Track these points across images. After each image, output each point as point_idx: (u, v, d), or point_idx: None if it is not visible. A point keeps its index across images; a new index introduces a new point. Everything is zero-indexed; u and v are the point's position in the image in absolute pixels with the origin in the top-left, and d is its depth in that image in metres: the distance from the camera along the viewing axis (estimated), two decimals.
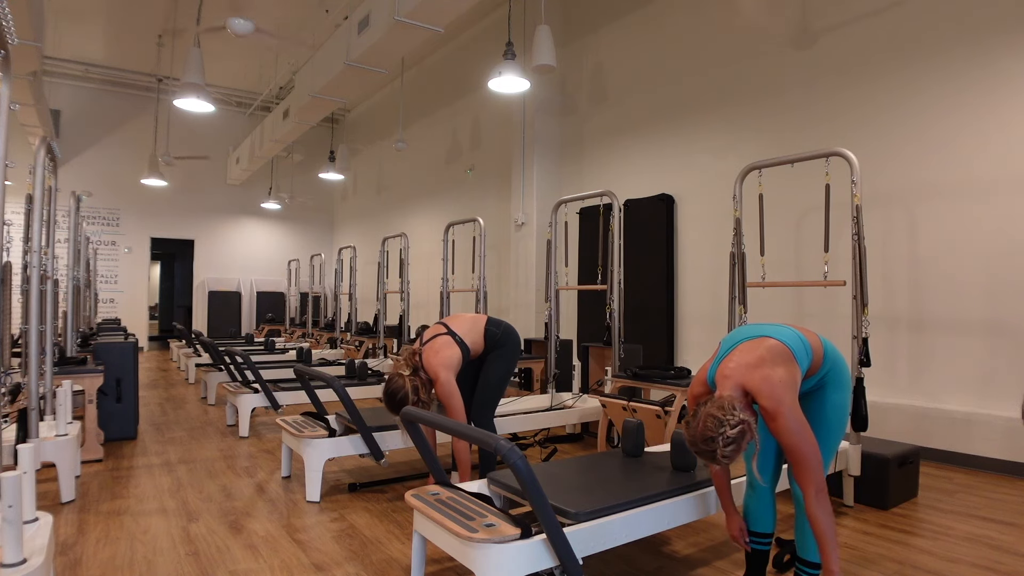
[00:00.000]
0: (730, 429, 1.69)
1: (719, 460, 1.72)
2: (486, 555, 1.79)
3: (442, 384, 2.86)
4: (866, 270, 3.05)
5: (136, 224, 11.25)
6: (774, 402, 1.76)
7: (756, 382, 1.80)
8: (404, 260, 6.76)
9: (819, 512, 1.75)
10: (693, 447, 1.76)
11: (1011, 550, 2.57)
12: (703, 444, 1.72)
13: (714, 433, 1.70)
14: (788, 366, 1.82)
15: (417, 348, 2.99)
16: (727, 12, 5.44)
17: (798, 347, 1.88)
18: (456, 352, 2.96)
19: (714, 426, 1.70)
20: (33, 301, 2.87)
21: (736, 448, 1.71)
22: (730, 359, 1.89)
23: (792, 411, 1.75)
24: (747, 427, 1.72)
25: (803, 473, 1.76)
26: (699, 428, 1.73)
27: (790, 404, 1.76)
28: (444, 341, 2.98)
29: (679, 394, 3.48)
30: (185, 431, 4.69)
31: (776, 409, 1.75)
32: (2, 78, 2.21)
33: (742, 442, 1.71)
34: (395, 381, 2.84)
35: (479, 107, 8.48)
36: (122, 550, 2.50)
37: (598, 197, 4.39)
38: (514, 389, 6.08)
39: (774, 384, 1.77)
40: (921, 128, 4.17)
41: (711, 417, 1.72)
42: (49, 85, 10.15)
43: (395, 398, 2.83)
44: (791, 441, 1.75)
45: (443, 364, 2.89)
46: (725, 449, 1.70)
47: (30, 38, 5.29)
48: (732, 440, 1.69)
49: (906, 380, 4.18)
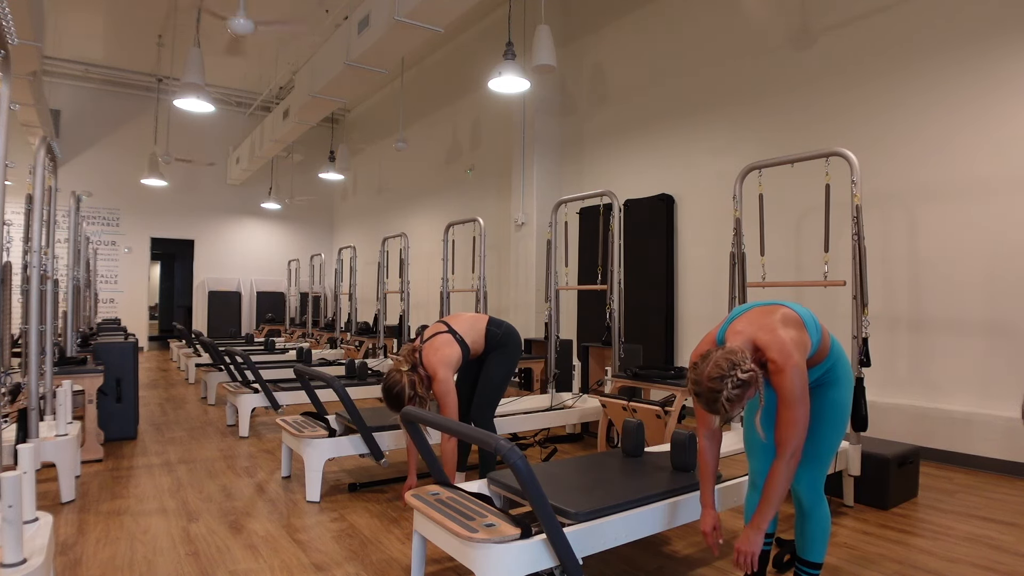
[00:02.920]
0: (741, 372, 1.69)
1: (721, 405, 1.70)
2: (486, 555, 1.79)
3: (440, 382, 2.86)
4: (866, 270, 3.05)
5: (136, 224, 11.25)
6: (783, 356, 1.76)
7: (767, 338, 1.80)
8: (404, 260, 6.76)
9: (784, 473, 1.76)
10: (697, 387, 1.73)
11: (1011, 550, 2.57)
12: (709, 383, 1.70)
13: (724, 373, 1.69)
14: (800, 331, 1.84)
15: (417, 345, 2.99)
16: (727, 12, 5.44)
17: (809, 320, 1.90)
18: (456, 351, 2.96)
19: (726, 367, 1.69)
20: (33, 301, 2.87)
21: (741, 394, 1.70)
22: (742, 319, 1.90)
23: (798, 369, 1.76)
24: (756, 377, 1.71)
25: (787, 432, 1.76)
26: (708, 368, 1.72)
27: (797, 361, 1.76)
28: (444, 339, 2.98)
29: (679, 394, 3.48)
30: (185, 431, 4.69)
31: (784, 362, 1.76)
32: (2, 78, 2.21)
33: (748, 390, 1.71)
34: (393, 377, 2.85)
35: (479, 107, 8.48)
36: (122, 550, 2.50)
37: (598, 197, 4.39)
38: (514, 389, 6.08)
39: (784, 341, 1.78)
40: (921, 128, 4.17)
41: (724, 359, 1.71)
42: (49, 85, 10.15)
43: (392, 393, 2.83)
44: (789, 397, 1.75)
45: (442, 362, 2.89)
46: (732, 391, 1.68)
47: (30, 38, 5.29)
48: (740, 384, 1.69)
49: (906, 380, 4.18)
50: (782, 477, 1.76)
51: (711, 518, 1.97)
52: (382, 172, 11.46)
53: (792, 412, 1.75)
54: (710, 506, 1.99)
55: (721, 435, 2.01)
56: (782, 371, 1.76)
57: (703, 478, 2.00)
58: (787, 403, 1.76)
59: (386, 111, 11.32)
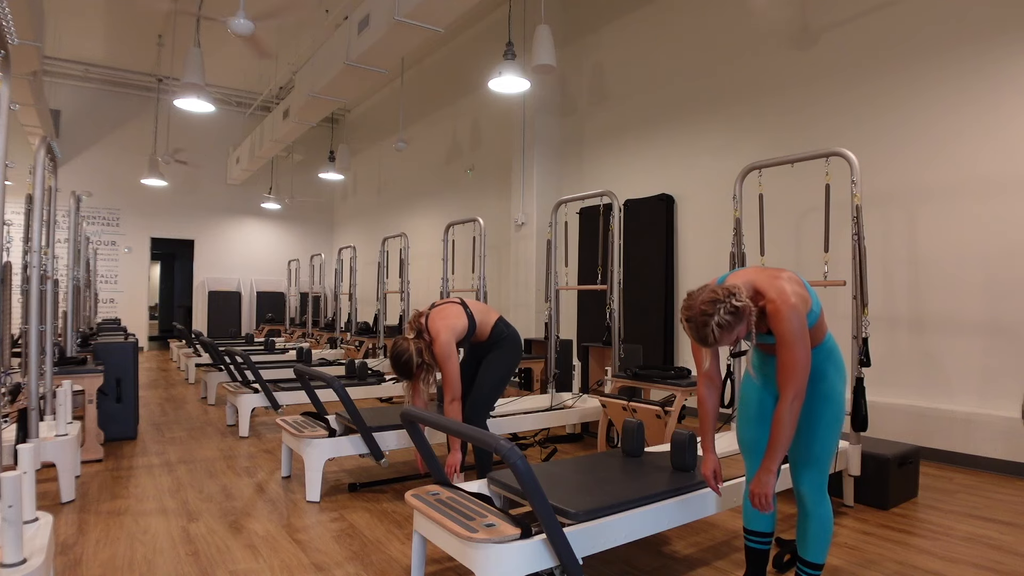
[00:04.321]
0: (735, 300, 1.72)
1: (711, 331, 1.72)
2: (486, 555, 1.79)
3: (440, 344, 2.86)
4: (866, 270, 3.05)
5: (136, 224, 11.25)
6: (781, 297, 1.77)
7: (767, 283, 1.82)
8: (404, 260, 6.76)
9: (788, 416, 1.77)
10: (689, 312, 1.76)
11: (1011, 550, 2.57)
12: (702, 306, 1.72)
13: (718, 298, 1.72)
14: (802, 289, 1.84)
15: (424, 311, 3.00)
16: (727, 12, 5.44)
17: (812, 293, 1.91)
18: (463, 322, 2.97)
19: (722, 294, 1.72)
20: (33, 301, 2.87)
21: (732, 322, 1.71)
22: (743, 271, 1.93)
23: (796, 311, 1.76)
24: (749, 309, 1.73)
25: (789, 375, 1.77)
26: (703, 295, 1.75)
27: (795, 305, 1.77)
28: (455, 310, 3.00)
29: (679, 394, 3.48)
30: (185, 431, 4.69)
31: (782, 303, 1.76)
32: (2, 78, 2.21)
33: (740, 321, 1.72)
34: (400, 345, 2.86)
35: (479, 107, 8.48)
36: (122, 550, 2.50)
37: (598, 197, 4.39)
38: (514, 389, 6.08)
39: (785, 289, 1.79)
40: (921, 128, 4.16)
41: (720, 288, 1.75)
42: (49, 85, 10.15)
43: (400, 360, 2.84)
44: (788, 337, 1.76)
45: (446, 327, 2.90)
46: (723, 316, 1.70)
47: (30, 38, 5.29)
48: (732, 311, 1.71)
49: (906, 380, 4.18)
50: (786, 421, 1.77)
51: (711, 462, 2.04)
52: (382, 172, 11.45)
53: (791, 353, 1.76)
54: (710, 451, 2.05)
55: (720, 382, 2.05)
56: (779, 311, 1.76)
57: (703, 424, 2.04)
58: (786, 344, 1.76)
59: (386, 111, 11.32)
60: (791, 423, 1.78)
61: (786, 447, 1.80)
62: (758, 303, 1.81)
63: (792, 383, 1.76)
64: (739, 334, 1.76)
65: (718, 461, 2.05)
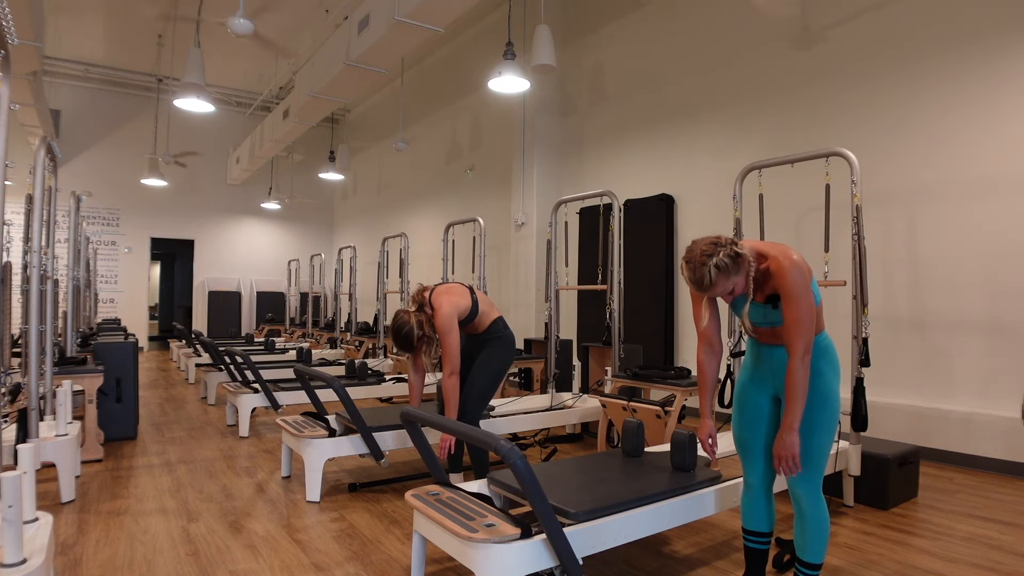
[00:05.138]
0: (736, 248, 1.78)
1: (708, 271, 1.75)
2: (486, 555, 1.79)
3: (442, 317, 2.86)
4: (866, 270, 3.05)
5: (136, 224, 11.25)
6: (785, 255, 1.81)
7: (769, 247, 1.85)
8: (404, 260, 6.76)
9: (800, 370, 1.80)
10: (689, 254, 1.81)
11: (1011, 550, 2.57)
12: (703, 247, 1.78)
13: (721, 242, 1.77)
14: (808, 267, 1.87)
15: (429, 287, 3.00)
16: (727, 12, 5.44)
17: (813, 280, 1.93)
18: (467, 303, 2.98)
19: (724, 241, 1.78)
20: (33, 301, 2.87)
21: (731, 266, 1.75)
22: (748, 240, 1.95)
23: (799, 269, 1.79)
24: (749, 263, 1.80)
25: (796, 330, 1.79)
26: (705, 240, 1.80)
27: (798, 263, 1.80)
28: (460, 290, 3.02)
29: (679, 394, 3.48)
30: (185, 431, 4.69)
31: (786, 260, 1.80)
32: (2, 78, 2.21)
33: (739, 267, 1.77)
34: (401, 317, 2.86)
35: (479, 107, 8.48)
36: (122, 550, 2.50)
37: (598, 197, 4.39)
38: (514, 389, 6.08)
39: (788, 250, 1.83)
40: (921, 128, 4.17)
41: (723, 237, 1.81)
42: (49, 85, 10.15)
43: (401, 333, 2.84)
44: (792, 291, 1.78)
45: (449, 301, 2.91)
46: (723, 259, 1.75)
47: (30, 38, 5.29)
48: (733, 256, 1.76)
49: (906, 380, 4.18)
50: (799, 376, 1.80)
51: (707, 427, 2.07)
52: (382, 172, 11.46)
53: (797, 308, 1.78)
54: (708, 416, 2.07)
55: (720, 347, 2.06)
56: (782, 267, 1.80)
57: (701, 388, 2.07)
58: (791, 297, 1.79)
59: (386, 111, 11.32)
60: (804, 378, 1.80)
61: (803, 401, 1.81)
62: (760, 265, 1.85)
63: (800, 338, 1.79)
64: (736, 286, 1.80)
65: (714, 426, 2.08)
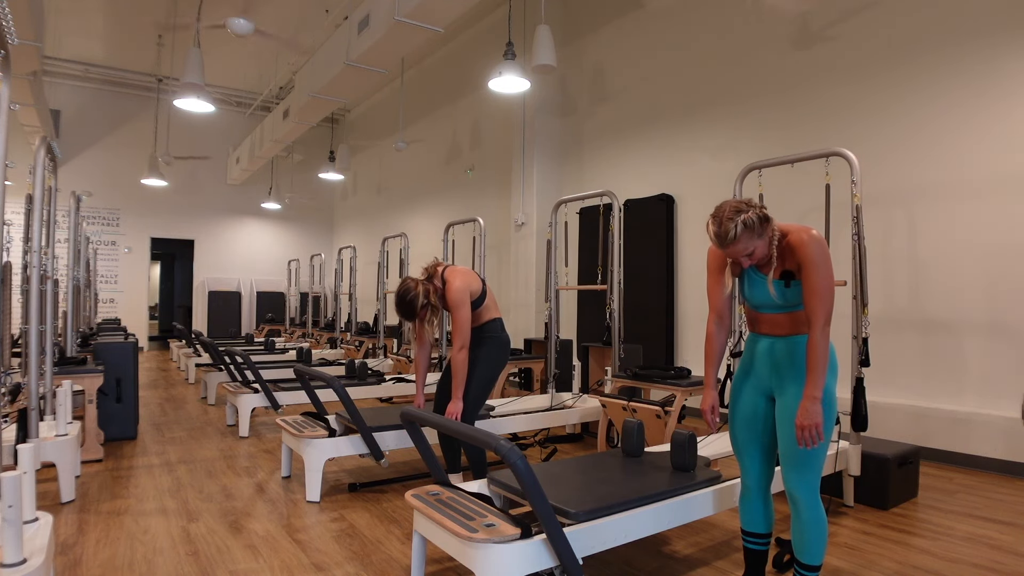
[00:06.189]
0: (763, 210, 1.82)
1: (734, 225, 1.79)
2: (486, 555, 1.79)
3: (454, 290, 2.86)
4: (866, 270, 3.05)
5: (136, 224, 11.25)
6: (807, 230, 1.84)
7: (791, 225, 1.89)
8: (404, 260, 6.76)
9: (822, 342, 1.82)
10: (716, 213, 1.85)
11: (1011, 550, 2.57)
12: (733, 204, 1.83)
13: (749, 204, 1.82)
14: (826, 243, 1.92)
15: (443, 263, 3.00)
16: (727, 12, 5.44)
17: None
18: (478, 286, 3.00)
19: (754, 203, 1.83)
20: (33, 301, 2.87)
21: (757, 226, 1.79)
22: None
23: (821, 243, 1.83)
24: (774, 231, 1.85)
25: (818, 300, 1.82)
26: (733, 201, 1.85)
27: (819, 238, 1.83)
28: (474, 274, 3.03)
29: (679, 394, 3.48)
30: (185, 431, 4.69)
31: (805, 234, 1.83)
32: (2, 78, 2.21)
33: (764, 229, 1.81)
34: (407, 284, 2.85)
35: (479, 107, 8.48)
36: (122, 550, 2.50)
37: (598, 197, 4.39)
38: (514, 389, 6.08)
39: (812, 231, 1.85)
40: (921, 127, 4.16)
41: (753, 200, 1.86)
42: (49, 85, 10.14)
43: (406, 300, 2.83)
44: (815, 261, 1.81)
45: (463, 278, 2.91)
46: (751, 217, 1.79)
47: (30, 38, 5.29)
48: (761, 217, 1.81)
49: (906, 380, 4.18)
50: (820, 347, 1.82)
51: (710, 398, 2.07)
52: (382, 172, 11.45)
53: (819, 277, 1.81)
54: (711, 387, 2.08)
55: (730, 324, 2.08)
56: (803, 240, 1.83)
57: (708, 360, 2.07)
58: (813, 266, 1.82)
59: (386, 111, 11.32)
60: (825, 348, 1.83)
61: (824, 370, 1.83)
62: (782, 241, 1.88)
63: (822, 308, 1.82)
64: (757, 250, 1.83)
65: (717, 398, 2.08)
